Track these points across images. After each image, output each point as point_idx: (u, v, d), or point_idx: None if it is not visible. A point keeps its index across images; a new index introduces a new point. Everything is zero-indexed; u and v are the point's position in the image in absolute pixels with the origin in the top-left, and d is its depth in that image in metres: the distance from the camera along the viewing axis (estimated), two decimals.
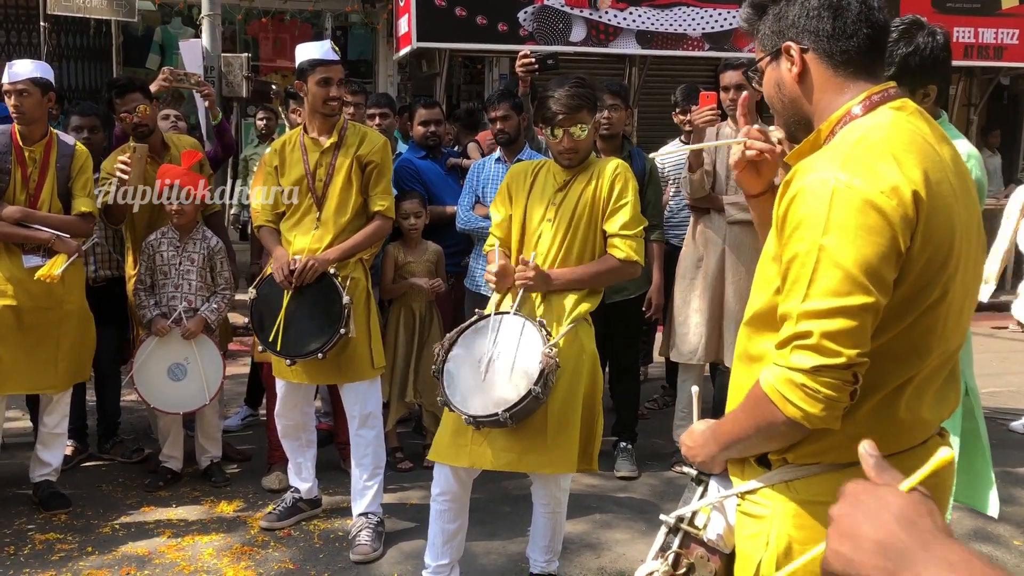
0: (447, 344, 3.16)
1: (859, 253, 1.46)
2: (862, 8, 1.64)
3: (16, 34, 9.73)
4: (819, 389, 1.49)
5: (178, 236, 4.34)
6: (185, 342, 4.26)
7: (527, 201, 3.27)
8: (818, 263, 1.49)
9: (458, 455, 3.15)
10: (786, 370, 1.52)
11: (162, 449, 4.48)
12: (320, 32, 9.96)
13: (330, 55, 3.77)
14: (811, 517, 1.61)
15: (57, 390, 4.16)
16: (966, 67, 10.19)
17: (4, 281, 3.98)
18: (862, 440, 1.57)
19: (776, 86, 1.73)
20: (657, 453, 5.01)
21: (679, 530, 1.80)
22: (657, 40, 9.22)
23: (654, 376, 6.24)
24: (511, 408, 2.92)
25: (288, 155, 3.88)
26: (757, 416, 1.61)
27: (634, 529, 4.07)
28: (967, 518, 4.09)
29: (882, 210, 1.47)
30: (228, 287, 4.42)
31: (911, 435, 1.64)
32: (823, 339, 1.48)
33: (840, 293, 1.47)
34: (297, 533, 3.97)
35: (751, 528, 1.70)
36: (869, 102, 1.63)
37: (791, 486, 1.65)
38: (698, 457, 1.81)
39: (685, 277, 4.69)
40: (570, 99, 3.12)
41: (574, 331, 3.13)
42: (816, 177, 1.52)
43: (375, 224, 3.86)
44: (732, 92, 4.48)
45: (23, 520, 4.04)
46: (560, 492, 3.30)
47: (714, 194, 4.55)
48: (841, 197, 1.48)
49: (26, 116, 3.99)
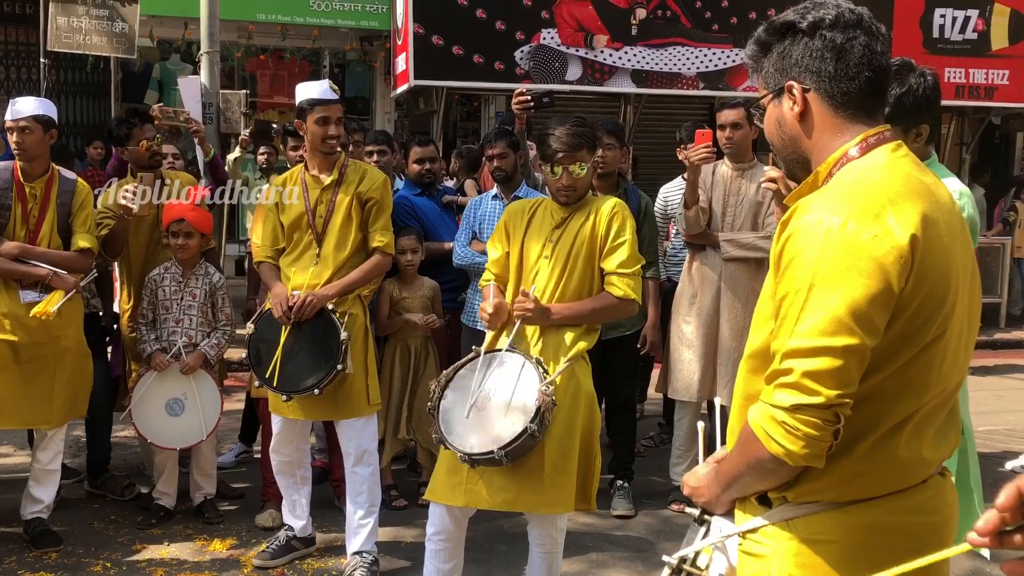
0: (443, 381, 3.16)
1: (848, 295, 1.48)
2: (865, 52, 1.66)
3: (16, 70, 9.81)
4: (798, 427, 1.51)
5: (180, 271, 4.35)
6: (184, 377, 4.25)
7: (524, 238, 3.28)
8: (806, 302, 1.51)
9: (454, 494, 3.12)
10: (769, 407, 1.55)
11: (156, 485, 4.44)
12: (318, 69, 10.06)
13: (328, 94, 3.81)
14: (812, 555, 1.61)
15: (52, 426, 4.14)
16: (957, 107, 10.32)
17: (2, 316, 3.98)
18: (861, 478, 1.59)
19: (777, 123, 1.75)
20: (654, 491, 4.98)
21: (681, 571, 1.80)
22: (652, 79, 9.32)
23: (650, 413, 6.22)
24: (506, 446, 2.91)
25: (289, 192, 3.91)
26: (747, 453, 1.62)
27: (631, 569, 4.03)
28: (964, 559, 4.06)
29: (874, 254, 1.49)
30: (229, 323, 4.43)
31: (912, 474, 1.64)
32: (804, 378, 1.50)
33: (825, 333, 1.49)
34: (291, 572, 3.92)
35: (752, 567, 1.70)
36: (866, 144, 1.65)
37: (791, 524, 1.64)
38: (702, 498, 1.81)
39: (680, 314, 4.71)
40: (571, 137, 3.14)
41: (571, 369, 3.12)
42: (811, 218, 1.54)
43: (374, 260, 3.88)
44: (728, 131, 4.53)
45: (13, 559, 3.99)
46: (556, 532, 3.27)
47: (709, 231, 4.58)
48: (833, 239, 1.50)
49: (28, 153, 4.02)
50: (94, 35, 7.51)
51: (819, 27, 1.66)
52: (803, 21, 1.68)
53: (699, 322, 4.60)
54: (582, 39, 9.09)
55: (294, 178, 3.93)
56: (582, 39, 9.09)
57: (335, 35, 9.84)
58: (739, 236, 4.51)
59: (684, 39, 9.31)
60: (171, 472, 4.42)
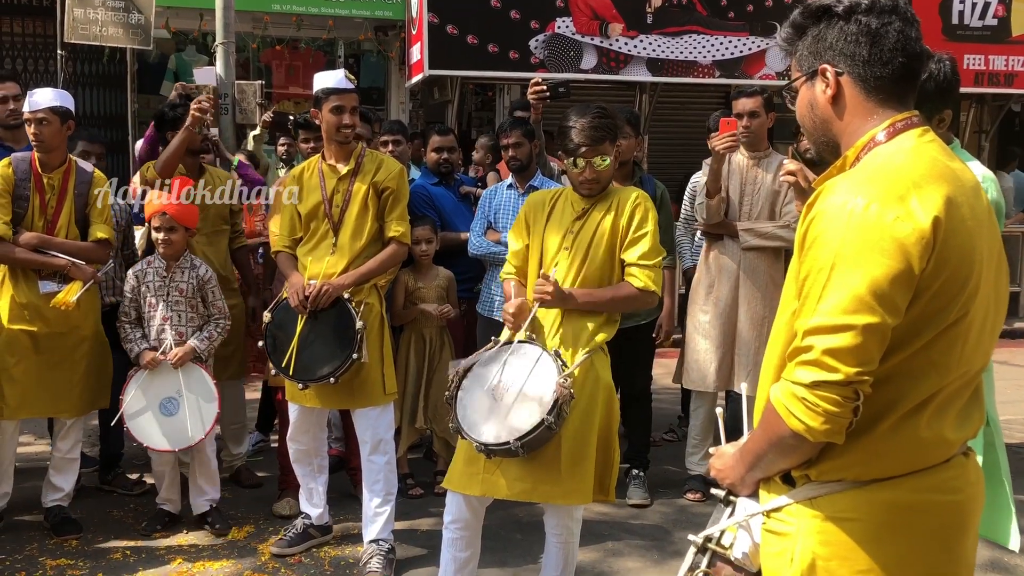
0: (461, 370, 3.16)
1: (869, 275, 1.51)
2: (899, 37, 1.67)
3: (34, 62, 9.85)
4: (818, 403, 1.54)
5: (164, 265, 4.16)
6: (176, 375, 4.06)
7: (544, 230, 3.27)
8: (828, 281, 1.54)
9: (471, 483, 3.13)
10: (790, 384, 1.58)
11: (159, 493, 4.29)
12: (333, 60, 10.05)
13: (343, 83, 3.82)
14: (836, 533, 1.64)
15: (72, 415, 4.18)
16: (977, 94, 10.21)
17: (21, 306, 4.02)
18: (883, 457, 1.60)
19: (809, 106, 1.77)
20: (669, 480, 4.98)
21: (707, 550, 1.82)
22: (667, 67, 9.27)
23: (668, 403, 6.20)
24: (523, 437, 2.90)
25: (306, 181, 3.93)
26: (769, 431, 1.66)
27: (646, 558, 4.04)
28: (984, 548, 4.04)
29: (896, 235, 1.51)
30: (222, 316, 4.23)
31: (933, 453, 1.65)
32: (824, 355, 1.53)
33: (846, 311, 1.52)
34: (308, 560, 3.95)
35: (776, 546, 1.72)
36: (893, 128, 1.68)
37: (815, 503, 1.67)
38: (727, 479, 1.84)
39: (697, 303, 4.69)
40: (593, 130, 3.11)
41: (589, 361, 3.11)
42: (835, 200, 1.57)
43: (391, 249, 3.89)
44: (746, 119, 4.50)
45: (34, 546, 4.04)
46: (572, 522, 3.27)
47: (728, 220, 4.56)
48: (856, 220, 1.53)
49: (45, 144, 4.04)
50: (110, 26, 7.52)
51: (855, 11, 1.68)
52: (839, 5, 1.70)
53: (716, 312, 4.58)
54: (597, 27, 9.05)
55: (311, 168, 3.94)
56: (597, 27, 9.05)
57: (350, 25, 9.82)
58: (758, 225, 4.49)
59: (700, 27, 9.24)
60: (172, 478, 4.26)
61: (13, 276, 4.06)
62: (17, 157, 4.12)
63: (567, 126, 3.17)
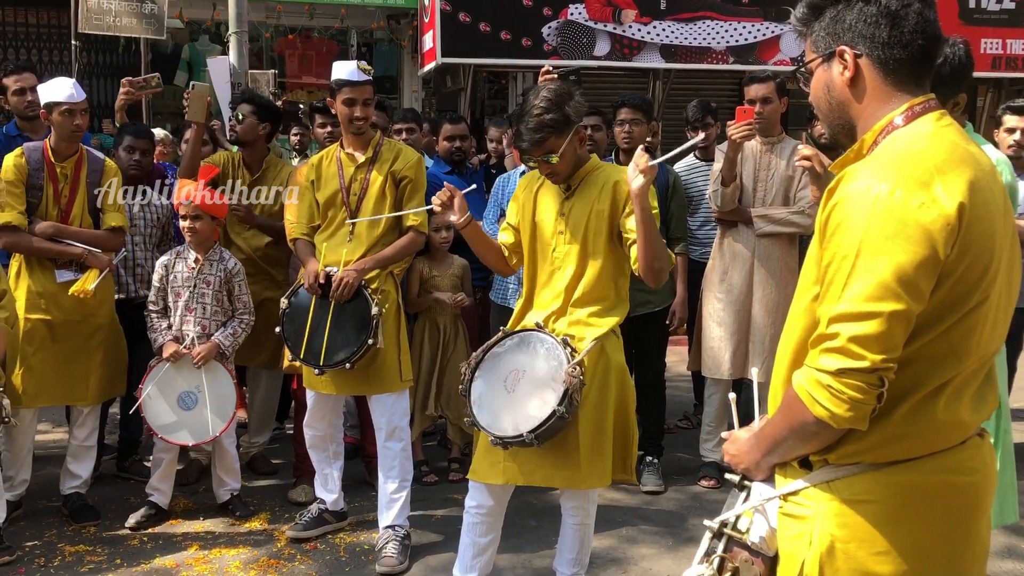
0: (473, 363, 3.16)
1: (895, 261, 1.50)
2: (919, 19, 1.66)
3: (48, 53, 9.90)
4: (844, 391, 1.54)
5: (193, 257, 4.14)
6: (197, 369, 4.04)
7: (535, 212, 3.23)
8: (854, 268, 1.53)
9: (492, 472, 3.13)
10: (814, 371, 1.57)
11: (150, 480, 4.24)
12: (346, 49, 10.05)
13: (356, 76, 3.80)
14: (853, 515, 1.65)
15: (88, 403, 4.21)
16: (994, 78, 10.09)
17: (37, 295, 4.05)
18: (901, 439, 1.61)
19: (825, 88, 1.75)
20: (683, 468, 4.97)
21: (723, 535, 1.82)
22: (681, 54, 9.21)
23: (681, 391, 6.19)
24: (536, 429, 2.90)
25: (324, 169, 3.94)
26: (790, 417, 1.66)
27: (660, 544, 4.04)
28: (1000, 535, 4.02)
29: (921, 221, 1.51)
30: (247, 312, 4.21)
31: (950, 435, 1.66)
32: (849, 342, 1.53)
33: (872, 298, 1.51)
34: (323, 546, 3.97)
35: (794, 529, 1.72)
36: (912, 112, 1.66)
37: (832, 486, 1.67)
38: (742, 464, 1.84)
39: (710, 290, 4.68)
40: (533, 132, 2.98)
41: (600, 346, 3.10)
42: (858, 186, 1.56)
43: (408, 237, 3.90)
44: (759, 105, 4.48)
45: (53, 532, 4.08)
46: (589, 503, 3.28)
47: (741, 207, 4.54)
48: (881, 207, 1.52)
49: (81, 135, 4.10)
50: (124, 17, 7.53)
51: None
52: None
53: (729, 299, 4.56)
54: (610, 14, 9.00)
55: (330, 156, 3.95)
56: (610, 14, 9.00)
57: (362, 14, 9.81)
58: (772, 211, 4.47)
59: (713, 13, 9.17)
60: (168, 468, 4.21)
61: (29, 265, 4.09)
62: (30, 147, 4.14)
63: (518, 116, 3.09)
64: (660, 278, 3.02)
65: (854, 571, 1.66)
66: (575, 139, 3.06)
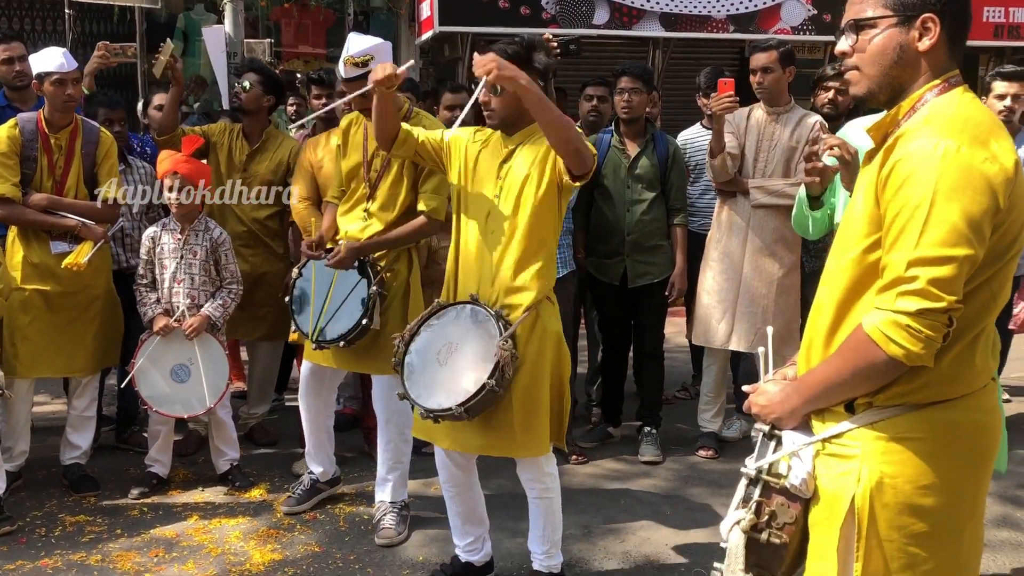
0: (407, 336, 3.14)
1: (965, 210, 1.65)
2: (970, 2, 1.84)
3: (41, 21, 9.78)
4: (921, 330, 1.68)
5: (179, 228, 4.10)
6: (189, 342, 4.04)
7: (474, 169, 3.14)
8: (929, 216, 1.65)
9: (437, 435, 3.14)
10: (891, 313, 1.70)
11: (149, 452, 4.27)
12: (343, 17, 9.94)
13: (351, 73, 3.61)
14: (902, 451, 1.79)
15: (86, 373, 4.22)
16: (996, 47, 10.02)
17: (33, 267, 4.04)
18: (945, 382, 1.78)
19: (897, 49, 1.81)
20: (681, 438, 4.99)
21: (759, 480, 1.92)
22: (681, 22, 9.13)
23: (679, 361, 6.20)
24: (466, 402, 2.90)
25: (352, 136, 3.84)
26: (856, 358, 1.77)
27: (659, 513, 4.06)
28: (994, 503, 4.05)
29: (986, 174, 1.67)
30: (235, 281, 4.18)
31: (981, 378, 1.84)
32: (929, 285, 1.66)
33: (947, 244, 1.65)
34: (323, 517, 3.99)
35: (839, 468, 1.85)
36: (947, 84, 1.80)
37: (878, 426, 1.81)
38: (773, 413, 1.94)
39: (708, 260, 4.67)
40: (492, 53, 2.87)
41: (534, 314, 3.03)
42: (924, 142, 1.69)
43: (419, 222, 3.74)
44: (759, 75, 4.44)
45: (54, 502, 4.10)
46: (545, 476, 3.22)
47: (740, 177, 4.51)
48: (950, 160, 1.66)
49: (74, 104, 4.06)
50: None
51: None
52: None
53: (722, 268, 4.56)
54: None
55: (359, 124, 3.83)
56: None
57: None
58: (768, 183, 4.45)
59: None
60: (165, 439, 4.24)
61: (24, 237, 4.07)
62: (23, 117, 4.10)
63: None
64: (581, 157, 2.85)
65: (901, 504, 1.79)
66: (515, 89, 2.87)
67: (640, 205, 4.63)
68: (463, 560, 3.39)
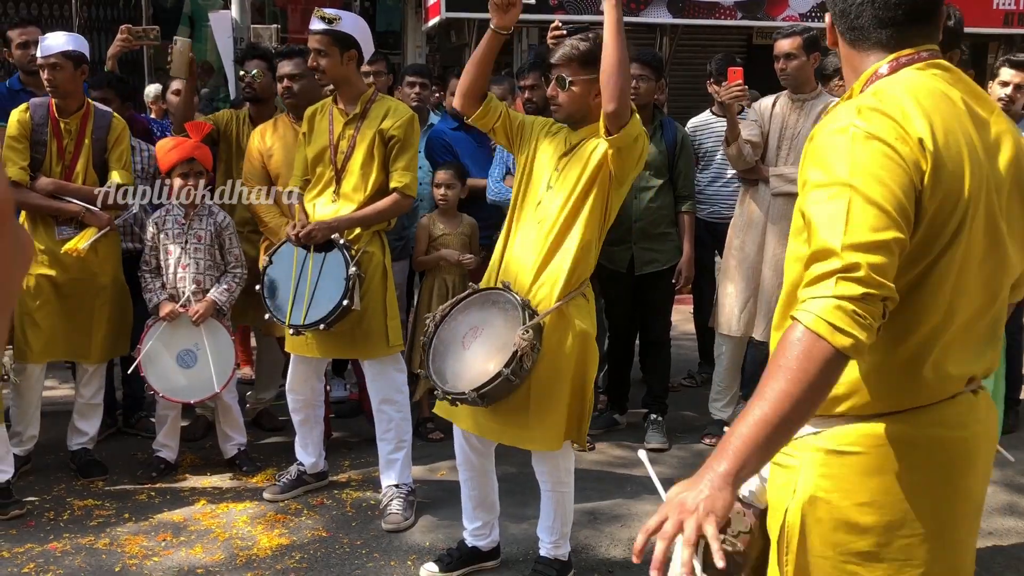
0: (438, 316, 3.16)
1: (887, 190, 1.53)
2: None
3: (48, 7, 9.78)
4: (866, 316, 1.50)
5: (183, 212, 4.12)
6: (195, 327, 4.05)
7: (535, 156, 3.16)
8: (851, 202, 1.54)
9: (458, 415, 3.17)
10: (833, 299, 1.49)
11: (157, 437, 4.28)
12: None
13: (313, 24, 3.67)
14: (838, 465, 1.68)
15: (92, 361, 4.22)
16: (1006, 35, 9.96)
17: (39, 252, 4.04)
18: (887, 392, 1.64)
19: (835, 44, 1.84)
20: (688, 425, 4.99)
21: None
22: (689, 9, 9.10)
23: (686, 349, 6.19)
24: (480, 388, 2.90)
25: (317, 123, 3.84)
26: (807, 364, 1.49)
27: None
28: (1001, 492, 4.05)
29: (898, 151, 1.56)
30: (239, 265, 4.19)
31: (936, 390, 1.68)
32: (870, 271, 1.51)
33: (878, 228, 1.52)
34: (330, 502, 4.01)
35: (781, 478, 1.76)
36: (896, 63, 1.71)
37: (819, 437, 1.70)
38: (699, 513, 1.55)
39: (730, 248, 4.66)
40: (564, 48, 3.00)
41: (561, 310, 3.03)
42: (835, 126, 1.62)
43: (391, 199, 3.74)
44: (782, 61, 4.41)
45: (62, 487, 4.12)
46: (560, 471, 3.23)
47: (761, 165, 4.49)
48: (860, 141, 1.57)
49: (59, 90, 4.01)
50: None
51: None
52: None
53: (742, 257, 4.56)
54: None
55: (324, 109, 3.86)
56: None
57: None
58: (787, 170, 4.41)
59: None
60: (173, 424, 4.25)
61: (32, 222, 4.07)
62: (35, 102, 4.10)
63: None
64: (616, 99, 2.86)
65: (836, 521, 1.68)
66: (595, 89, 2.97)
67: (648, 192, 4.62)
68: (470, 545, 3.41)
